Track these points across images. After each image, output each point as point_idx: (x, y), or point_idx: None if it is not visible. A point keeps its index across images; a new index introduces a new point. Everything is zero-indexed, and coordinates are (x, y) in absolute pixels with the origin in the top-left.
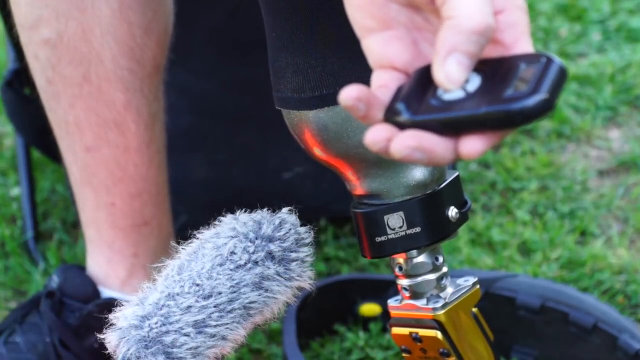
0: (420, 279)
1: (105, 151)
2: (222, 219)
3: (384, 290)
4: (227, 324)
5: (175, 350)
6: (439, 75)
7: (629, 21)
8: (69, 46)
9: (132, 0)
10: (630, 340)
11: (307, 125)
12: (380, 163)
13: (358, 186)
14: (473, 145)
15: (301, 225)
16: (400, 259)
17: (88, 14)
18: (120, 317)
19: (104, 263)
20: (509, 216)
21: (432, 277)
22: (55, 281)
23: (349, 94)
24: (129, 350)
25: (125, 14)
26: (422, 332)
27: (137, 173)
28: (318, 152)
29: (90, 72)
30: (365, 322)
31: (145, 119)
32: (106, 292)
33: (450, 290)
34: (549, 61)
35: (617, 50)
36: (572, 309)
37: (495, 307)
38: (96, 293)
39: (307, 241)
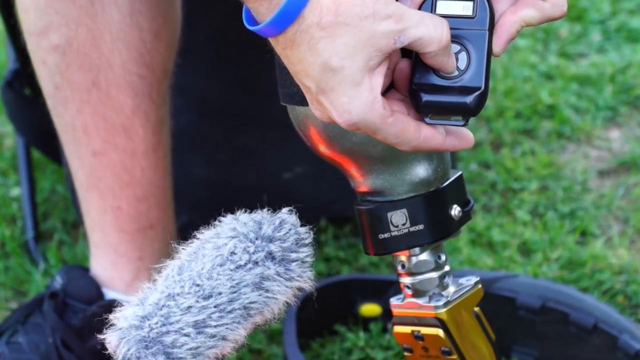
0: (422, 277)
1: (112, 155)
2: (222, 219)
3: (384, 290)
4: (227, 324)
5: (175, 350)
6: None
7: (629, 21)
8: (78, 52)
9: (143, 6)
10: (630, 340)
11: (312, 121)
12: (384, 159)
13: (362, 183)
14: None
15: (301, 225)
16: (403, 256)
17: (98, 19)
18: (120, 317)
19: (109, 266)
20: (509, 216)
21: (434, 275)
22: (58, 281)
23: None
24: (129, 350)
25: (136, 20)
26: (424, 330)
27: (144, 177)
28: (322, 148)
29: (99, 78)
30: (365, 322)
31: (153, 122)
32: (110, 294)
33: (452, 288)
34: None
35: (617, 50)
36: (572, 309)
37: (495, 307)
38: (100, 294)
39: (307, 241)
